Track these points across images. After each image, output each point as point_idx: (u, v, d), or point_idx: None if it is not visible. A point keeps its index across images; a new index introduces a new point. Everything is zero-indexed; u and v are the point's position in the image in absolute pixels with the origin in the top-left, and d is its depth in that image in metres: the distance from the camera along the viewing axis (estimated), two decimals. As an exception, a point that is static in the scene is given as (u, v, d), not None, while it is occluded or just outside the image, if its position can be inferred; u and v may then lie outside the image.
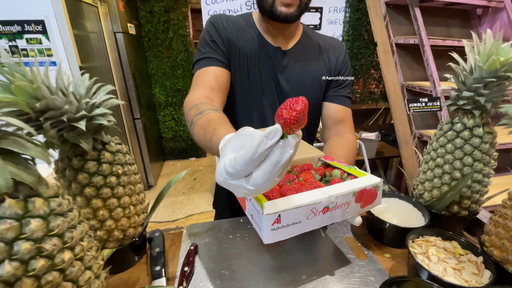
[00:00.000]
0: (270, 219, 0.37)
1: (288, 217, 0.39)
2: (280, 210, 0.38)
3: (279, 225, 0.38)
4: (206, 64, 0.68)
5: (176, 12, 3.00)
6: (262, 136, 0.27)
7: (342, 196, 0.42)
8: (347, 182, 0.45)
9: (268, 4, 0.65)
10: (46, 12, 1.81)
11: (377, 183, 0.46)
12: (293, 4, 0.65)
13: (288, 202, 0.39)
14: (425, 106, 0.80)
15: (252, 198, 0.41)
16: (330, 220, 0.43)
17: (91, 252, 0.36)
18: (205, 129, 0.49)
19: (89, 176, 0.44)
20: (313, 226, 0.42)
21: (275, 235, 0.39)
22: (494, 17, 2.02)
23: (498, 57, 0.47)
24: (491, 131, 0.53)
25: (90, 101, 0.41)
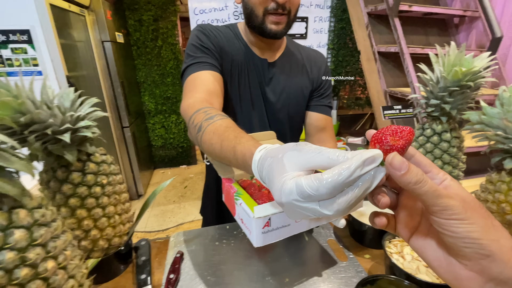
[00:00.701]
0: (260, 222, 0.39)
1: (278, 220, 0.40)
2: (270, 213, 0.39)
3: (269, 228, 0.40)
4: (200, 68, 0.66)
5: (165, 20, 3.03)
6: (360, 160, 0.23)
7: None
8: None
9: (258, 21, 0.68)
10: (32, 22, 1.80)
11: None
12: (282, 22, 0.68)
13: (277, 206, 0.41)
14: (399, 113, 0.85)
15: (243, 202, 0.42)
16: (317, 222, 0.45)
17: (74, 261, 0.37)
18: (222, 137, 0.45)
19: (74, 187, 0.45)
20: (301, 229, 0.44)
21: (266, 238, 0.40)
22: (470, 25, 2.12)
23: (460, 68, 0.51)
24: (458, 136, 0.57)
25: (75, 114, 0.42)
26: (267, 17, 0.67)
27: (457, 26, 2.19)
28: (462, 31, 2.17)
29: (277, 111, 0.81)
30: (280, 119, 0.82)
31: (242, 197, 0.44)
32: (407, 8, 1.71)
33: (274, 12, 0.65)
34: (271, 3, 0.65)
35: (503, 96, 0.44)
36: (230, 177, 0.53)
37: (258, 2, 0.65)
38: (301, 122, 0.88)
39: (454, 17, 2.12)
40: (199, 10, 1.91)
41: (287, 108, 0.82)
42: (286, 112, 0.82)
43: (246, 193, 0.46)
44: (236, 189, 0.47)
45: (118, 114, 2.62)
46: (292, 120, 0.85)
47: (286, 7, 0.66)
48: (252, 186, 0.50)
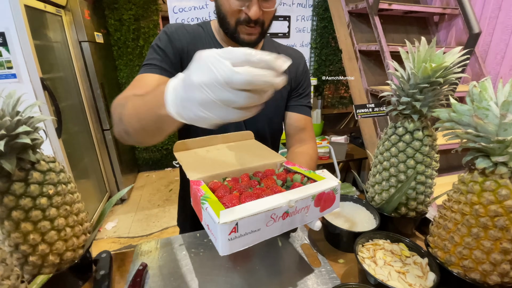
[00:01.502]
0: (226, 228, 0.35)
1: (246, 225, 0.37)
2: (237, 218, 0.36)
3: (236, 235, 0.36)
4: (149, 71, 0.65)
5: (146, 20, 2.95)
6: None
7: (301, 200, 0.42)
8: (306, 186, 0.45)
9: (230, 29, 0.65)
10: (6, 24, 1.71)
11: (335, 187, 0.46)
12: (255, 33, 0.66)
13: (246, 209, 0.38)
14: (372, 112, 0.84)
15: (209, 207, 0.39)
16: (290, 225, 0.43)
17: (7, 281, 0.33)
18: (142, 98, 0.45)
19: (16, 199, 0.41)
20: (273, 233, 0.41)
21: (232, 246, 0.37)
22: (450, 23, 2.16)
23: (430, 64, 0.50)
24: (430, 134, 0.56)
25: (12, 119, 0.38)
26: (239, 27, 0.65)
27: (437, 24, 2.23)
28: (442, 28, 2.20)
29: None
30: (258, 121, 0.79)
31: (209, 201, 0.41)
32: (387, 6, 1.72)
33: (246, 24, 0.63)
34: (243, 15, 0.62)
35: (473, 92, 0.43)
36: (199, 179, 0.49)
37: (230, 12, 0.63)
38: (280, 122, 0.86)
39: (434, 15, 2.15)
40: (178, 8, 1.86)
41: (264, 110, 0.78)
42: (264, 114, 0.79)
43: (214, 196, 0.43)
44: (204, 192, 0.44)
45: (98, 116, 2.54)
46: (271, 122, 0.82)
47: (259, 20, 0.63)
48: (222, 189, 0.47)
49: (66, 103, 2.15)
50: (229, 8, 0.62)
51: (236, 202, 0.41)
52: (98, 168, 2.56)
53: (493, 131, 0.39)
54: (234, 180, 0.50)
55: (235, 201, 0.42)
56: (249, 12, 0.61)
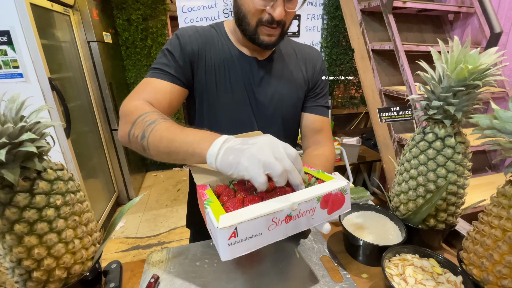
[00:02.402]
0: (225, 233, 0.34)
1: (246, 229, 0.35)
2: (236, 222, 0.34)
3: (236, 239, 0.35)
4: (157, 75, 0.64)
5: (154, 20, 2.95)
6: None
7: (305, 203, 0.39)
8: (311, 188, 0.43)
9: (250, 30, 0.63)
10: (11, 22, 1.71)
11: (343, 187, 0.43)
12: (276, 34, 0.63)
13: (246, 213, 0.36)
14: (397, 116, 0.79)
15: (210, 211, 0.37)
16: (295, 229, 0.40)
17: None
18: (167, 133, 0.51)
19: (19, 211, 0.38)
20: (276, 238, 0.39)
21: (234, 251, 0.35)
22: (465, 22, 2.09)
23: (466, 65, 0.45)
24: (463, 141, 0.52)
25: (15, 126, 0.36)
26: (260, 28, 0.62)
27: (452, 22, 2.16)
28: (457, 27, 2.13)
29: (270, 115, 0.74)
30: (273, 123, 0.75)
31: (211, 205, 0.39)
32: (401, 4, 1.66)
33: (267, 24, 0.60)
34: (266, 15, 0.59)
35: (517, 97, 0.38)
36: (205, 183, 0.48)
37: (252, 12, 0.60)
38: (296, 124, 0.82)
39: (448, 13, 2.08)
40: (187, 8, 1.83)
41: (280, 111, 0.75)
42: (280, 116, 0.75)
43: (217, 201, 0.41)
44: (208, 197, 0.42)
45: (106, 116, 2.54)
46: (287, 123, 0.78)
47: (281, 21, 0.61)
48: (227, 192, 0.45)
49: (75, 103, 2.15)
50: (252, 7, 0.59)
51: (239, 206, 0.40)
52: (106, 168, 2.57)
53: (548, 141, 0.34)
54: (240, 184, 0.49)
55: (238, 205, 0.40)
56: (274, 12, 0.58)
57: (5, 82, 1.79)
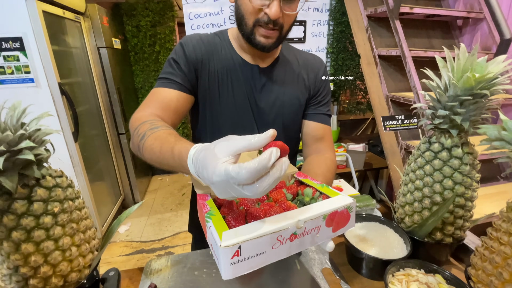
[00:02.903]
0: (228, 252, 0.32)
1: (250, 248, 0.34)
2: (240, 241, 0.33)
3: (239, 258, 0.33)
4: (164, 85, 0.66)
5: (163, 26, 3.00)
6: (267, 153, 0.32)
7: (311, 221, 0.38)
8: (316, 204, 0.41)
9: (247, 31, 0.63)
10: (24, 29, 1.76)
11: (349, 204, 0.41)
12: (273, 36, 0.63)
13: (250, 230, 0.35)
14: (402, 124, 0.77)
15: (212, 226, 0.36)
16: (299, 247, 0.39)
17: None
18: (162, 140, 0.49)
19: (17, 218, 0.38)
20: (279, 256, 0.37)
21: (236, 270, 0.34)
22: (474, 27, 2.05)
23: (473, 74, 0.44)
24: (471, 152, 0.50)
25: (15, 133, 0.36)
26: (257, 28, 0.62)
27: (461, 28, 2.12)
28: (466, 33, 2.09)
29: (271, 121, 0.75)
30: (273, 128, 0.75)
31: (213, 219, 0.38)
32: (408, 10, 1.64)
33: (264, 25, 0.61)
34: (263, 15, 0.60)
35: (526, 108, 0.36)
36: (206, 192, 0.46)
37: (249, 11, 0.60)
38: (297, 131, 0.82)
39: (457, 19, 2.05)
40: (194, 14, 1.86)
41: (281, 117, 0.75)
42: (281, 122, 0.76)
43: (218, 214, 0.39)
44: (209, 208, 0.41)
45: (114, 120, 2.57)
46: (288, 130, 0.78)
47: (278, 22, 0.61)
48: (228, 204, 0.44)
49: (84, 108, 2.19)
50: (249, 7, 0.60)
51: (242, 221, 0.39)
52: (113, 171, 2.60)
53: (561, 154, 0.33)
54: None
55: (241, 219, 0.39)
56: (269, 11, 0.58)
57: (16, 86, 1.84)
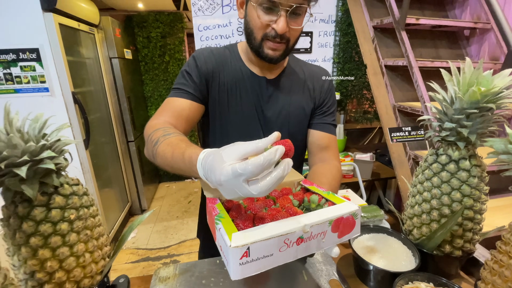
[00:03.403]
0: (238, 252, 0.34)
1: (258, 249, 0.35)
2: (249, 242, 0.34)
3: (248, 259, 0.35)
4: (177, 95, 0.70)
5: (172, 37, 3.09)
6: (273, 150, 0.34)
7: (317, 226, 0.39)
8: (322, 210, 0.42)
9: (256, 44, 0.67)
10: (41, 41, 1.84)
11: (355, 211, 0.42)
12: (280, 49, 0.66)
13: (258, 232, 0.36)
14: (409, 136, 0.77)
15: (222, 228, 0.38)
16: (305, 251, 0.40)
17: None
18: (174, 146, 0.52)
19: (36, 224, 0.40)
20: (286, 259, 0.38)
21: (244, 270, 0.35)
22: (482, 37, 2.05)
23: (478, 88, 0.44)
24: (479, 164, 0.50)
25: (37, 144, 0.38)
26: (265, 42, 0.66)
27: (468, 38, 2.12)
28: (474, 43, 2.09)
29: (277, 130, 0.76)
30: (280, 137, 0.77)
31: (223, 221, 0.39)
32: (414, 21, 1.66)
33: (272, 39, 0.64)
34: (271, 30, 0.63)
35: (533, 122, 0.37)
36: (215, 196, 0.48)
37: (258, 27, 0.64)
38: (303, 140, 0.84)
39: (464, 29, 2.05)
40: (203, 26, 1.91)
41: (287, 126, 0.78)
42: (287, 130, 0.78)
43: (228, 216, 0.41)
44: (218, 211, 0.42)
45: (123, 128, 2.63)
46: (294, 139, 0.79)
47: (285, 36, 0.64)
48: (237, 208, 0.45)
49: (95, 116, 2.25)
50: (258, 22, 0.63)
51: (250, 224, 0.40)
52: (121, 178, 2.63)
53: None
54: (249, 199, 0.49)
55: (249, 223, 0.40)
56: (277, 26, 0.61)
57: (32, 95, 1.92)
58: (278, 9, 0.60)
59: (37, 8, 1.78)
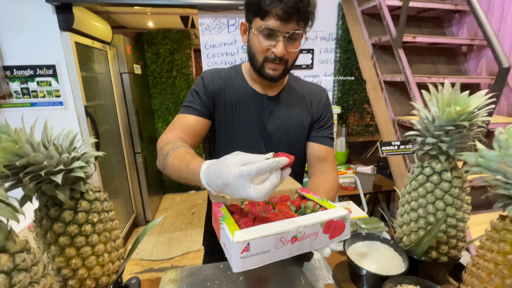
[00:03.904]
0: (239, 247, 0.39)
1: (257, 245, 0.40)
2: (249, 238, 0.40)
3: (248, 254, 0.40)
4: (186, 112, 0.78)
5: (180, 53, 3.22)
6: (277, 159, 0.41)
7: (309, 226, 0.44)
8: (315, 214, 0.48)
9: (258, 65, 0.75)
10: (57, 58, 1.96)
11: (344, 215, 0.48)
12: (279, 69, 0.74)
13: (257, 231, 0.42)
14: (398, 149, 0.83)
15: (226, 227, 0.43)
16: (299, 250, 0.45)
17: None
18: (181, 158, 0.59)
19: (64, 225, 0.46)
20: (282, 256, 0.43)
21: (245, 264, 0.40)
22: (479, 54, 2.11)
23: (454, 107, 0.50)
24: (460, 176, 0.55)
25: (70, 155, 0.44)
26: (266, 64, 0.73)
27: (466, 54, 2.18)
28: (471, 59, 2.15)
29: (277, 143, 0.84)
30: (280, 149, 0.83)
31: (226, 222, 0.45)
32: (411, 39, 1.74)
33: (272, 61, 0.72)
34: (270, 53, 0.71)
35: (499, 139, 0.42)
36: (220, 201, 0.54)
37: (259, 51, 0.72)
38: (302, 153, 0.89)
39: (462, 45, 2.13)
40: (210, 44, 2.02)
41: (287, 139, 0.84)
42: (287, 144, 0.85)
43: (231, 218, 0.47)
44: (223, 213, 0.48)
45: (131, 140, 2.72)
46: (293, 151, 0.86)
47: (283, 58, 0.72)
48: (240, 211, 0.51)
49: (104, 128, 2.34)
50: (259, 47, 0.71)
51: (250, 225, 0.45)
52: (127, 189, 2.69)
53: (525, 180, 0.38)
54: (251, 204, 0.55)
55: (249, 224, 0.45)
56: (276, 50, 0.69)
57: (47, 109, 2.02)
58: (277, 35, 0.68)
59: (55, 28, 1.91)
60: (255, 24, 0.70)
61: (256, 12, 0.68)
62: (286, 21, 0.66)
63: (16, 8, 1.84)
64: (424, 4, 1.94)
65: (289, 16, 0.65)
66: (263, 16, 0.67)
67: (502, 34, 1.88)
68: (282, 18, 0.65)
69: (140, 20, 2.89)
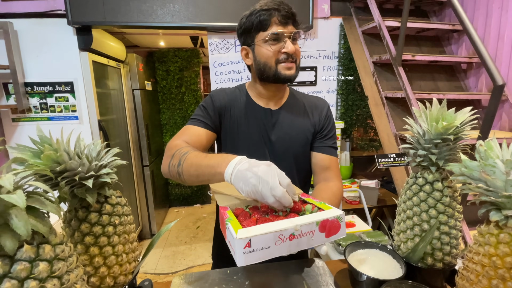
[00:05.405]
0: (242, 243, 0.44)
1: (258, 242, 0.45)
2: (251, 235, 0.45)
3: (250, 249, 0.45)
4: (194, 123, 0.86)
5: (189, 70, 3.37)
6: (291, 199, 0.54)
7: (306, 225, 0.49)
8: (312, 214, 0.53)
9: (272, 71, 0.82)
10: (75, 75, 2.08)
11: (339, 215, 0.52)
12: (293, 67, 0.82)
13: (258, 229, 0.47)
14: (394, 161, 0.88)
15: (230, 226, 0.49)
16: (297, 247, 0.49)
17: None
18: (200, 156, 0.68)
19: (90, 226, 0.51)
20: (281, 252, 0.48)
21: (247, 258, 0.45)
22: (478, 70, 2.16)
23: (441, 122, 0.55)
24: (450, 185, 0.59)
25: (99, 163, 0.51)
26: (279, 66, 0.81)
27: (465, 71, 2.24)
28: (471, 75, 2.21)
29: (281, 153, 0.89)
30: (284, 159, 0.89)
31: (231, 222, 0.50)
32: (411, 57, 1.81)
33: (285, 61, 0.80)
34: (281, 54, 0.80)
35: (480, 150, 0.47)
36: (226, 205, 0.60)
37: (270, 56, 0.80)
38: (307, 163, 0.94)
39: (461, 63, 2.19)
40: (218, 63, 2.13)
41: (291, 148, 0.90)
42: (291, 154, 0.90)
43: (236, 219, 0.53)
44: (228, 216, 0.54)
45: (140, 153, 2.80)
46: (298, 161, 0.91)
47: (294, 56, 0.81)
48: (244, 214, 0.57)
49: (115, 141, 2.44)
50: (269, 53, 0.80)
51: (253, 225, 0.50)
52: (134, 202, 2.75)
53: (501, 186, 0.42)
54: (254, 208, 0.60)
55: (252, 224, 0.51)
56: (287, 49, 0.79)
57: (63, 123, 2.13)
58: (282, 38, 0.78)
59: (75, 48, 2.05)
60: (260, 37, 0.80)
61: (258, 28, 0.79)
62: (286, 24, 0.78)
63: (40, 30, 1.99)
64: (422, 25, 2.04)
65: (288, 19, 0.78)
66: (265, 27, 0.78)
67: (500, 52, 1.95)
68: (282, 22, 0.77)
69: (153, 40, 3.06)
